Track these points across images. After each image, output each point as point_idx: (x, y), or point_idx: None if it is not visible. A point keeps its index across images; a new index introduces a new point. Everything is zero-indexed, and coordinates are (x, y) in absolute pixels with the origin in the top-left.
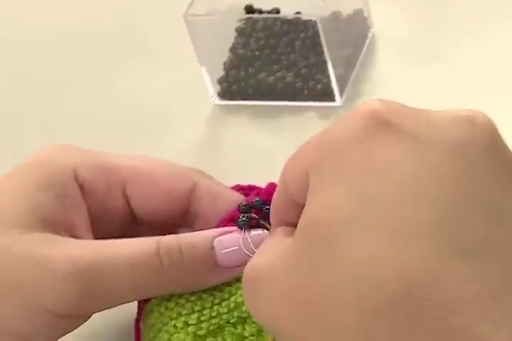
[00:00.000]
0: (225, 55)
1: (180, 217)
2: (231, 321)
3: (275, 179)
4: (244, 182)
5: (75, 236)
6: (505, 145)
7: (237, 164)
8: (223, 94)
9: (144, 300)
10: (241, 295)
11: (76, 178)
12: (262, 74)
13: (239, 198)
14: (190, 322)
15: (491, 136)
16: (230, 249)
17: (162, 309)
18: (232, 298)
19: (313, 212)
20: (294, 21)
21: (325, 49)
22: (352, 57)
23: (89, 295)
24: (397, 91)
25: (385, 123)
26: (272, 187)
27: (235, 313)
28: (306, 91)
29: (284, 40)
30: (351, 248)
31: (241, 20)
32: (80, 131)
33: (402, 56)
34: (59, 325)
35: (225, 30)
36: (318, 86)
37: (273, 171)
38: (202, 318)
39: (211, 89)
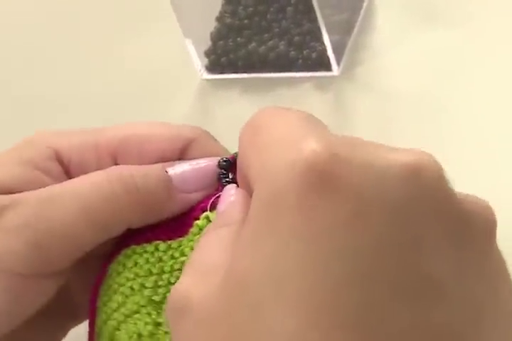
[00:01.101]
0: (211, 25)
1: None
2: None
3: None
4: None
5: None
6: (452, 199)
7: (231, 142)
8: (211, 68)
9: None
10: None
11: (60, 160)
12: (252, 44)
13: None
14: (147, 285)
15: (437, 193)
16: (185, 168)
17: (120, 268)
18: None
19: (240, 270)
20: None
21: (318, 14)
22: (349, 22)
23: (39, 245)
24: (399, 58)
25: (326, 180)
26: None
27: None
28: (300, 61)
29: (275, 6)
30: (274, 321)
31: None
32: (66, 107)
33: (404, 20)
34: (28, 287)
35: None
36: (313, 54)
37: None
38: (160, 283)
39: (198, 63)
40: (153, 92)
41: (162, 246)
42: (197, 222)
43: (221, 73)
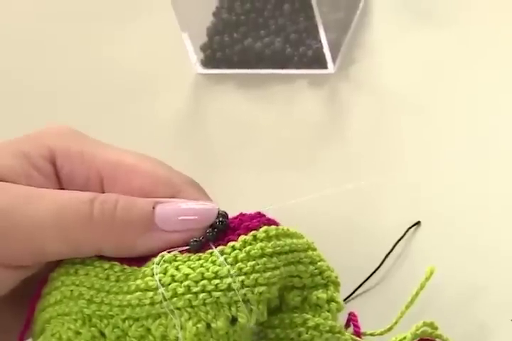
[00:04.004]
0: (208, 20)
1: None
2: (114, 316)
3: (264, 148)
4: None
5: None
6: None
7: (224, 137)
8: (207, 62)
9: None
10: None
11: (53, 162)
12: (249, 40)
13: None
14: (84, 296)
15: None
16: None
17: (71, 270)
18: (133, 295)
19: None
20: None
21: (316, 12)
22: (345, 20)
23: (4, 237)
24: (394, 56)
25: None
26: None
27: (127, 311)
28: (296, 58)
29: (272, 2)
30: None
31: None
32: (61, 100)
33: (400, 18)
34: None
35: None
36: (309, 52)
37: (262, 141)
38: (94, 299)
39: (193, 57)
40: (148, 85)
41: (117, 267)
42: (154, 258)
43: (216, 68)
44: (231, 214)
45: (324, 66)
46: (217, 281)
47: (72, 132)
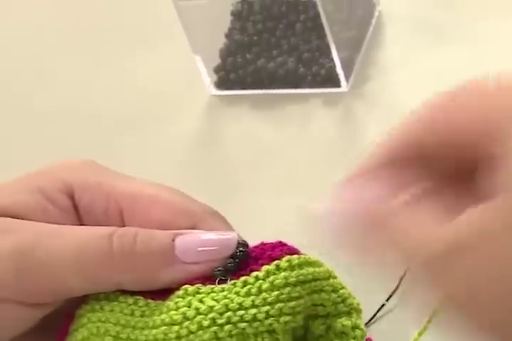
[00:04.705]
0: (220, 42)
1: None
2: None
3: (279, 170)
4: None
5: None
6: None
7: (239, 157)
8: (220, 84)
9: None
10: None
11: (71, 195)
12: (261, 61)
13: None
14: (110, 333)
15: None
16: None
17: (97, 307)
18: (158, 330)
19: None
20: (293, 2)
21: (327, 31)
22: (357, 38)
23: (26, 274)
24: (407, 74)
25: None
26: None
27: None
28: (309, 78)
29: (284, 22)
30: None
31: (236, 2)
32: (76, 122)
33: (413, 36)
34: (7, 311)
35: (220, 15)
36: (322, 71)
37: (277, 163)
38: (120, 335)
39: (207, 79)
40: (162, 108)
41: (141, 302)
42: (178, 292)
43: (230, 89)
44: (248, 239)
45: (338, 85)
46: (242, 312)
47: (87, 163)
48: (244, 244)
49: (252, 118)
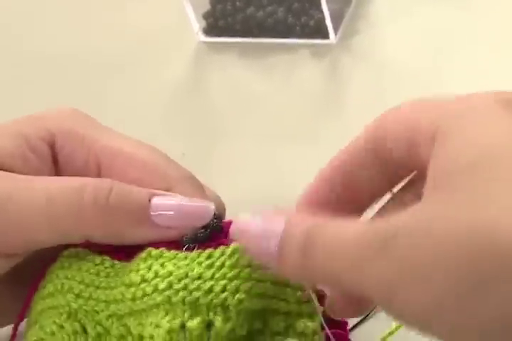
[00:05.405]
0: None
1: None
2: (99, 312)
3: (264, 118)
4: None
5: None
6: None
7: (224, 105)
8: (209, 31)
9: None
10: (126, 293)
11: (52, 144)
12: (251, 9)
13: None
14: (74, 291)
15: None
16: (166, 213)
17: (66, 263)
18: (117, 290)
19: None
20: None
21: None
22: None
23: (1, 227)
24: (396, 29)
25: None
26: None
27: (112, 307)
28: (298, 28)
29: None
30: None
31: None
32: (63, 65)
33: None
34: None
35: None
36: (311, 22)
37: (262, 111)
38: (83, 294)
39: (195, 25)
40: (150, 53)
41: (107, 262)
42: (141, 254)
43: (218, 36)
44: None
45: (326, 36)
46: (199, 282)
47: (74, 114)
48: (220, 217)
49: (239, 66)
